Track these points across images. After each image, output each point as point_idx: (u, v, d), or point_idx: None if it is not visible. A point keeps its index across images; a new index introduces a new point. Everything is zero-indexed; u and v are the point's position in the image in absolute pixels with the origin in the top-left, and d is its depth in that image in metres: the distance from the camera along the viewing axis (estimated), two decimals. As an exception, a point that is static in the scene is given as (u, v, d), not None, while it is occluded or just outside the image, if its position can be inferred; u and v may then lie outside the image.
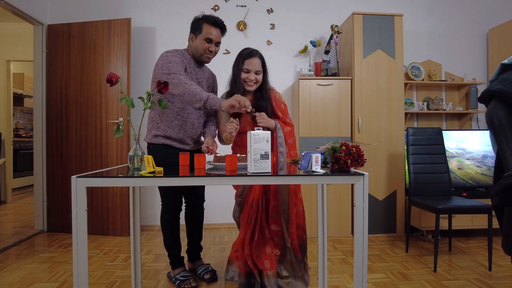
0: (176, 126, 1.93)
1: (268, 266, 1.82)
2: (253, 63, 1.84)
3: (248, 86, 1.86)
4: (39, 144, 3.23)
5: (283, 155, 1.83)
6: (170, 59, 1.81)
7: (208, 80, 2.08)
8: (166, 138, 1.94)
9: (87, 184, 1.18)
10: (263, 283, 1.82)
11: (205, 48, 1.91)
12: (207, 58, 1.95)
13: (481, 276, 2.16)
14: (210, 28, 1.89)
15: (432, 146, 2.72)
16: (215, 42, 1.92)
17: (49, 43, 3.21)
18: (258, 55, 1.87)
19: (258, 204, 1.89)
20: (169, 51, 1.90)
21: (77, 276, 1.16)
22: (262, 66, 1.87)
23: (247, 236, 1.88)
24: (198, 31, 1.91)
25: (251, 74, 1.84)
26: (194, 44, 1.93)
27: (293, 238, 1.90)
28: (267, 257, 1.84)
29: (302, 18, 3.51)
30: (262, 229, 1.89)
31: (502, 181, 1.10)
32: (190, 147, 2.01)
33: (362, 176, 1.24)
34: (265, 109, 1.89)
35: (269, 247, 1.86)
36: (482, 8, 3.72)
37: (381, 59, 3.04)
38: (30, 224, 3.41)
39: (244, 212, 1.93)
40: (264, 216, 1.90)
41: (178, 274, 2.02)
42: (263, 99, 1.90)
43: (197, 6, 3.33)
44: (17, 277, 2.16)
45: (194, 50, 1.95)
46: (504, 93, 1.15)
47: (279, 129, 1.86)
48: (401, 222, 3.06)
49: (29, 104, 5.94)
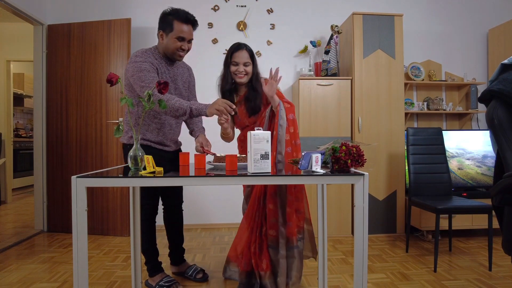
0: (154, 130, 1.88)
1: (265, 267, 1.83)
2: (241, 56, 1.86)
3: (238, 78, 1.88)
4: (39, 144, 3.23)
5: (282, 128, 1.81)
6: (141, 66, 1.72)
7: (182, 76, 2.00)
8: (145, 140, 1.87)
9: (87, 184, 1.18)
10: (262, 284, 1.82)
11: (178, 47, 1.82)
12: (179, 56, 1.87)
13: (481, 276, 2.16)
14: (181, 26, 1.79)
15: (432, 146, 2.72)
16: (187, 39, 1.83)
17: (49, 43, 3.22)
18: (246, 48, 1.89)
19: (260, 200, 1.88)
20: (137, 55, 1.79)
21: (77, 276, 1.16)
22: (251, 58, 1.89)
23: (254, 234, 1.87)
24: (168, 28, 1.80)
25: (240, 66, 1.86)
26: (165, 42, 1.82)
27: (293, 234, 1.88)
28: (264, 257, 1.84)
29: (302, 18, 3.51)
30: (262, 227, 1.88)
31: (502, 181, 1.10)
32: (171, 148, 1.98)
33: (362, 176, 1.24)
34: (257, 99, 1.90)
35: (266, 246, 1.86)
36: (482, 8, 3.72)
37: (381, 59, 3.04)
38: (30, 224, 3.41)
39: (248, 209, 1.91)
40: (264, 215, 1.89)
41: (161, 280, 1.94)
42: (255, 89, 1.92)
43: (197, 6, 3.33)
44: (17, 277, 2.16)
45: (165, 48, 1.84)
46: (504, 93, 1.15)
47: (281, 103, 1.85)
48: (401, 222, 3.06)
49: (29, 104, 5.94)
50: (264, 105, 1.93)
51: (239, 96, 1.96)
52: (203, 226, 3.38)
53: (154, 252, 2.00)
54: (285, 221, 1.84)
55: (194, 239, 2.98)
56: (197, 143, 1.92)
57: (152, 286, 1.97)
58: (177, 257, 2.18)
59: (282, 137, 1.80)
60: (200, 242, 2.91)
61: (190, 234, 3.12)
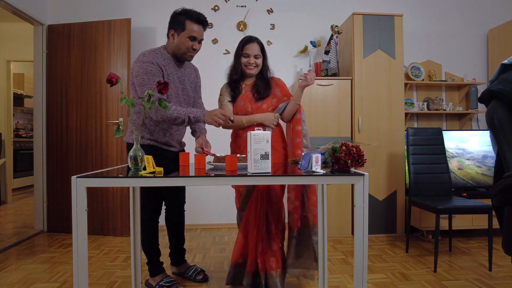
0: (161, 130, 1.89)
1: (274, 265, 1.82)
2: (252, 48, 1.91)
3: (248, 70, 1.93)
4: (39, 144, 3.23)
5: (305, 123, 1.93)
6: (147, 68, 1.73)
7: (190, 77, 2.00)
8: (152, 140, 1.88)
9: (87, 184, 1.18)
10: (268, 284, 1.81)
11: (189, 47, 1.82)
12: (190, 56, 1.87)
13: (481, 276, 2.16)
14: (193, 25, 1.80)
15: (432, 146, 2.72)
16: (198, 39, 1.84)
17: (49, 43, 3.22)
18: (257, 41, 1.94)
19: (263, 197, 1.87)
20: (145, 54, 1.79)
21: (77, 276, 1.16)
22: (261, 51, 1.94)
23: (260, 232, 1.84)
24: (180, 27, 1.80)
25: (250, 58, 1.91)
26: (176, 41, 1.82)
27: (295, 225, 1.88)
28: (272, 255, 1.83)
29: (302, 18, 3.51)
30: (269, 225, 1.86)
31: (502, 181, 1.10)
32: (176, 149, 1.99)
33: (362, 176, 1.24)
34: (266, 90, 1.95)
35: (275, 244, 1.85)
36: (482, 8, 3.72)
37: (381, 59, 3.04)
38: (30, 224, 3.41)
39: (250, 208, 1.88)
40: (270, 211, 1.88)
41: (161, 280, 1.94)
42: (264, 80, 1.97)
43: (197, 6, 3.32)
44: (17, 277, 2.16)
45: (175, 48, 1.84)
46: (504, 93, 1.15)
47: (302, 112, 1.95)
48: (401, 222, 3.06)
49: (29, 104, 5.94)
50: (271, 95, 1.96)
51: (245, 84, 1.99)
52: (203, 226, 3.38)
53: (156, 252, 2.00)
54: (308, 209, 1.86)
55: (194, 239, 2.98)
56: (197, 144, 1.93)
57: (152, 286, 1.97)
58: (177, 258, 2.18)
59: (307, 132, 1.91)
60: (200, 242, 2.91)
61: (190, 234, 3.12)
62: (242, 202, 1.95)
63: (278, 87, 1.99)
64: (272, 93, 1.96)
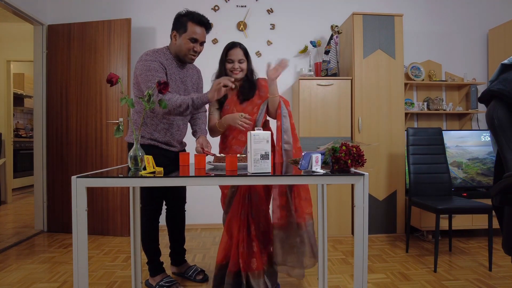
0: (162, 130, 1.89)
1: (255, 266, 1.82)
2: (236, 53, 1.92)
3: (234, 75, 1.93)
4: (39, 144, 3.23)
5: (286, 118, 1.89)
6: (150, 65, 1.74)
7: (192, 77, 2.02)
8: (152, 140, 1.89)
9: (87, 184, 1.18)
10: (249, 285, 1.81)
11: (190, 48, 1.84)
12: (191, 58, 1.89)
13: (481, 276, 2.16)
14: (195, 27, 1.82)
15: (432, 146, 2.72)
16: (200, 41, 1.86)
17: (49, 43, 3.22)
18: (240, 46, 1.95)
19: (245, 198, 1.87)
20: (148, 53, 1.81)
21: (77, 276, 1.16)
22: (245, 55, 1.95)
23: (241, 233, 1.85)
24: (182, 29, 1.82)
25: (235, 63, 1.92)
26: (178, 42, 1.84)
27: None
28: (253, 256, 1.83)
29: (302, 18, 3.51)
30: (249, 226, 1.87)
31: (502, 181, 1.10)
32: (176, 149, 1.99)
33: (362, 176, 1.24)
34: (250, 91, 1.96)
35: (256, 245, 1.85)
36: (482, 8, 3.72)
37: (381, 59, 3.04)
38: (30, 224, 3.41)
39: (233, 209, 1.89)
40: (250, 213, 1.88)
41: (161, 280, 1.95)
42: (250, 82, 1.98)
43: (197, 6, 3.33)
44: (17, 277, 2.16)
45: (177, 49, 1.86)
46: (504, 93, 1.15)
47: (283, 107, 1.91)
48: (401, 222, 3.06)
49: (29, 104, 5.94)
50: (256, 96, 1.96)
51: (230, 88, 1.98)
52: (203, 226, 3.38)
53: (156, 252, 2.01)
54: (294, 208, 1.85)
55: (194, 239, 2.98)
56: (197, 144, 1.93)
57: (152, 286, 1.97)
58: (178, 258, 2.18)
59: (288, 127, 1.87)
60: (200, 242, 2.91)
61: (190, 234, 3.12)
62: (226, 204, 1.96)
63: (263, 87, 1.98)
64: (256, 94, 1.97)
